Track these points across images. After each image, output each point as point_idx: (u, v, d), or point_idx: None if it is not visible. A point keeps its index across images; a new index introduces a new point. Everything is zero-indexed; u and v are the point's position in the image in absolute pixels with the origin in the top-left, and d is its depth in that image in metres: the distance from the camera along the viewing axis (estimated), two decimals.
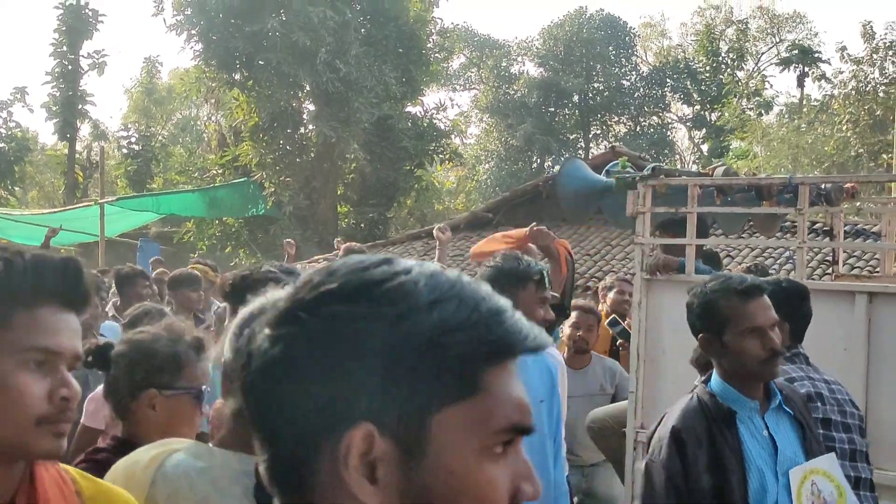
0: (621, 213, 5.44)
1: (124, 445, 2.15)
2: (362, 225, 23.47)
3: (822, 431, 3.06)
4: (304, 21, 20.15)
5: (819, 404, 3.17)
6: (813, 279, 8.75)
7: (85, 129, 35.08)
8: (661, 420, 2.90)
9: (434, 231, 6.25)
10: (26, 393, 1.35)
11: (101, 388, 2.49)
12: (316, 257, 17.73)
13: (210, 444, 1.75)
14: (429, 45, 24.19)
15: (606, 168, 6.00)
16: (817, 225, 11.69)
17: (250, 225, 23.01)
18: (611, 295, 6.52)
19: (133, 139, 33.34)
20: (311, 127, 22.16)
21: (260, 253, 21.83)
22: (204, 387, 2.26)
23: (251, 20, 20.33)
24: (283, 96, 21.31)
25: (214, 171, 24.50)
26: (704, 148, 37.16)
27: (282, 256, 9.22)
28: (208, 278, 6.91)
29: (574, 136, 38.24)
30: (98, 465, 2.07)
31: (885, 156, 22.23)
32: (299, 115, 22.76)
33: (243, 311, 1.75)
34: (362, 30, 22.41)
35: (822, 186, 5.56)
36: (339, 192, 23.60)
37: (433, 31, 24.65)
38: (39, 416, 1.36)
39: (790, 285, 3.47)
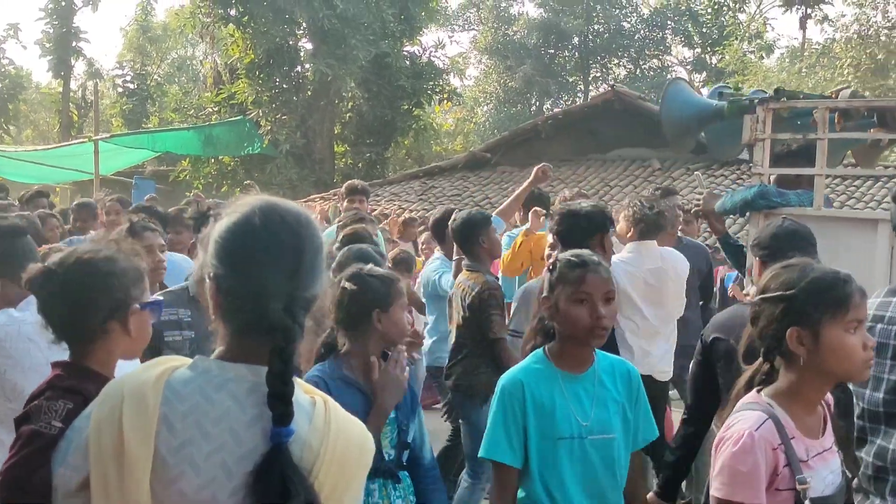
0: (726, 141, 5.03)
1: (81, 371, 2.09)
2: (360, 164, 23.32)
3: None
4: None
5: None
6: None
7: (79, 68, 34.68)
8: None
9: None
10: None
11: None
12: (313, 196, 17.66)
13: (211, 358, 1.63)
14: None
15: (717, 89, 5.70)
16: None
17: (246, 164, 22.83)
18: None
19: (128, 78, 32.99)
20: (307, 65, 21.88)
21: (256, 191, 21.73)
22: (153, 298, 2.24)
23: None
24: (279, 33, 21.00)
25: (210, 109, 24.26)
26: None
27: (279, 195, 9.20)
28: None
29: (574, 78, 37.85)
30: (70, 392, 1.99)
31: None
32: (296, 52, 22.45)
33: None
34: None
35: None
36: (336, 131, 23.40)
37: None
38: None
39: None
